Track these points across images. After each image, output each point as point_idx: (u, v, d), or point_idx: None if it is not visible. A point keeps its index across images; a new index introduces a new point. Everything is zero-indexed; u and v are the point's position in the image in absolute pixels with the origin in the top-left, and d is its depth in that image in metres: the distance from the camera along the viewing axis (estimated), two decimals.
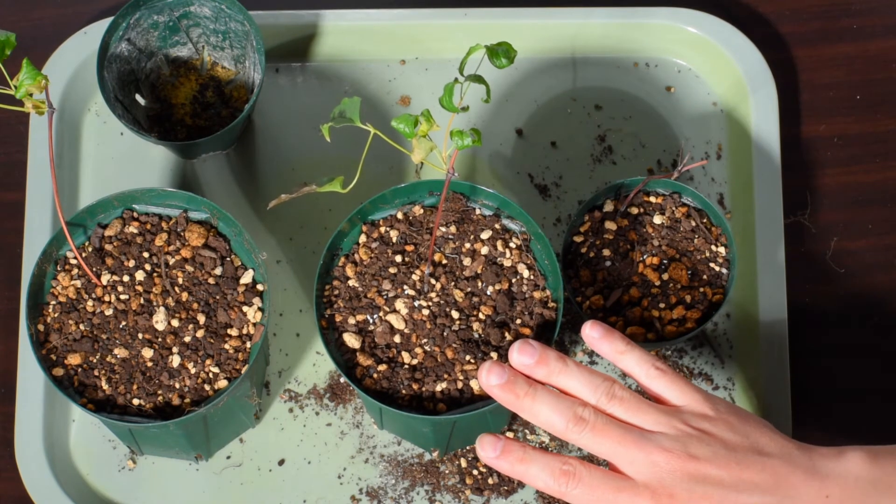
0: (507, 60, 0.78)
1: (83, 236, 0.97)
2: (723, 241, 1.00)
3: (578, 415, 0.79)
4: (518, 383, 0.81)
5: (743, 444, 0.78)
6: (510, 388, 0.81)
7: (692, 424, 0.79)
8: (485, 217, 0.97)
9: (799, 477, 0.76)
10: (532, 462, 0.80)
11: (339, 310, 0.95)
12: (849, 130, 1.14)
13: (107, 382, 0.93)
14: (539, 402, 0.81)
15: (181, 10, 1.06)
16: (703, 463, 0.77)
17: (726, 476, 0.76)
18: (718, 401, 0.82)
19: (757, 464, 0.77)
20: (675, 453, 0.77)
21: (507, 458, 0.80)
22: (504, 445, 0.81)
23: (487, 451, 0.81)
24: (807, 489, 0.76)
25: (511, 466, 0.81)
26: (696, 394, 0.81)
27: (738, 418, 0.80)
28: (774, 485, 0.76)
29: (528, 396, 0.81)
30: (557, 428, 0.80)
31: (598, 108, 1.13)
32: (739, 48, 1.11)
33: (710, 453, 0.77)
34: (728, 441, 0.78)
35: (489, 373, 0.82)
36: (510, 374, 0.82)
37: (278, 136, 1.12)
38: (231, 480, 1.04)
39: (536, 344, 0.83)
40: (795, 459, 0.77)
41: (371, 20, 1.12)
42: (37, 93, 0.81)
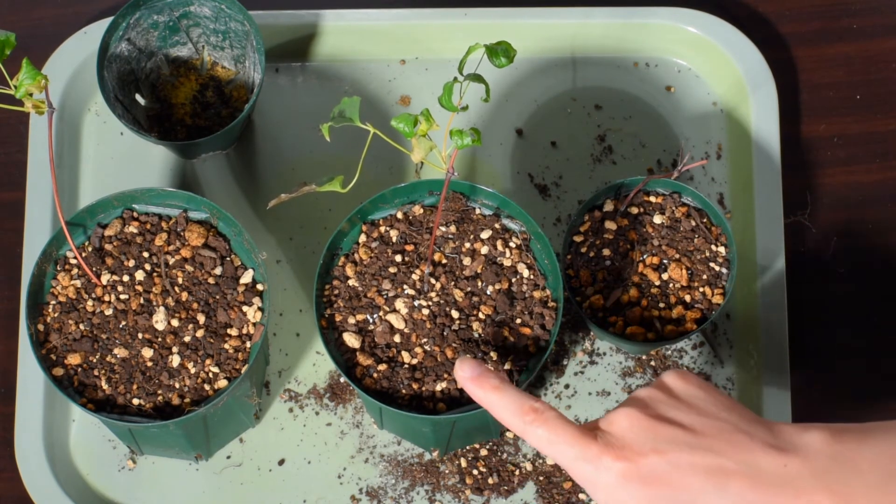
0: (507, 60, 0.78)
1: (83, 236, 0.97)
2: (723, 241, 1.00)
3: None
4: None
5: (703, 412, 0.79)
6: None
7: (656, 399, 0.80)
8: (485, 217, 0.97)
9: (757, 445, 0.77)
10: (504, 392, 0.81)
11: (339, 309, 0.95)
12: (849, 130, 1.14)
13: (107, 382, 0.93)
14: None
15: (181, 10, 1.06)
16: (662, 422, 0.77)
17: (682, 436, 0.77)
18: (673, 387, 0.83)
19: (714, 429, 0.77)
20: (637, 409, 0.78)
21: (482, 382, 0.82)
22: (483, 371, 0.82)
23: (465, 370, 0.82)
24: (765, 457, 0.76)
25: (484, 392, 0.81)
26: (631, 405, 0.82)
27: (701, 392, 0.80)
28: (731, 450, 0.76)
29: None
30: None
31: (598, 108, 1.13)
32: (739, 48, 1.11)
33: (671, 415, 0.78)
34: (689, 407, 0.79)
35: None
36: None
37: (278, 136, 1.12)
38: (231, 480, 1.04)
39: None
40: (755, 430, 0.78)
41: (371, 20, 1.12)
42: (37, 93, 0.81)
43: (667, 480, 0.76)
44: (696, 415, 0.78)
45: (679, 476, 0.76)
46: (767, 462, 0.76)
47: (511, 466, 1.04)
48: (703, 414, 0.79)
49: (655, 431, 0.77)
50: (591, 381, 1.06)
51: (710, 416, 0.78)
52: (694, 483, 0.75)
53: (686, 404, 0.79)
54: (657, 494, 0.76)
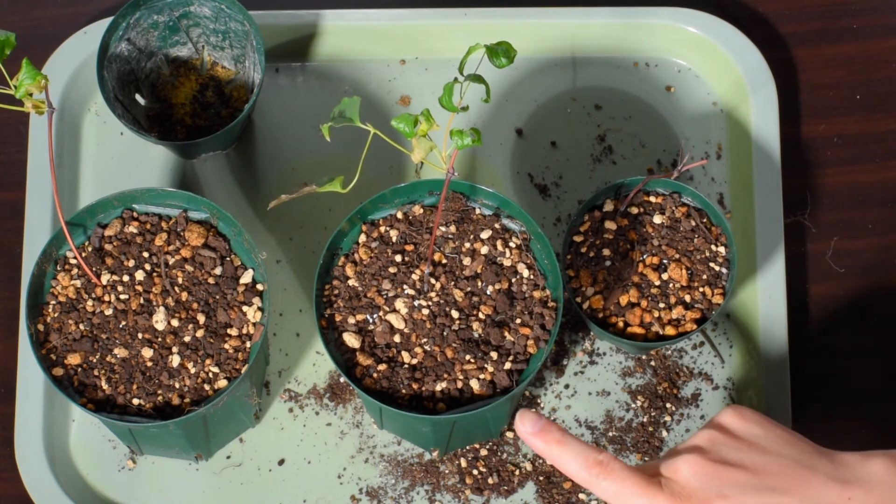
0: (507, 60, 0.78)
1: (83, 236, 0.97)
2: (723, 240, 1.00)
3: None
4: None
5: (763, 450, 0.79)
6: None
7: (717, 442, 0.80)
8: (485, 217, 0.97)
9: (820, 480, 0.77)
10: (568, 446, 0.80)
11: (339, 309, 0.95)
12: (849, 130, 1.14)
13: (107, 382, 0.93)
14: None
15: (181, 10, 1.06)
16: (724, 465, 0.78)
17: (745, 478, 0.77)
18: (731, 424, 0.83)
19: (777, 466, 0.78)
20: (698, 455, 0.79)
21: (545, 436, 0.80)
22: (545, 425, 0.81)
23: (527, 425, 0.81)
24: (828, 492, 0.77)
25: (547, 447, 0.81)
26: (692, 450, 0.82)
27: (759, 428, 0.81)
28: (795, 487, 0.77)
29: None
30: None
31: (598, 108, 1.13)
32: (739, 48, 1.11)
33: (732, 457, 0.79)
34: (750, 446, 0.79)
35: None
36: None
37: (278, 136, 1.12)
38: (231, 480, 1.04)
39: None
40: (816, 464, 0.78)
41: (371, 20, 1.12)
42: (37, 93, 0.81)
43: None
44: (757, 454, 0.79)
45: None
46: (831, 496, 0.77)
47: (511, 466, 1.04)
48: (764, 452, 0.79)
49: (719, 476, 0.78)
50: (591, 381, 1.06)
51: (772, 454, 0.79)
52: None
53: (746, 444, 0.80)
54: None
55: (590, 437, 1.05)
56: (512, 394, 0.92)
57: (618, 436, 1.05)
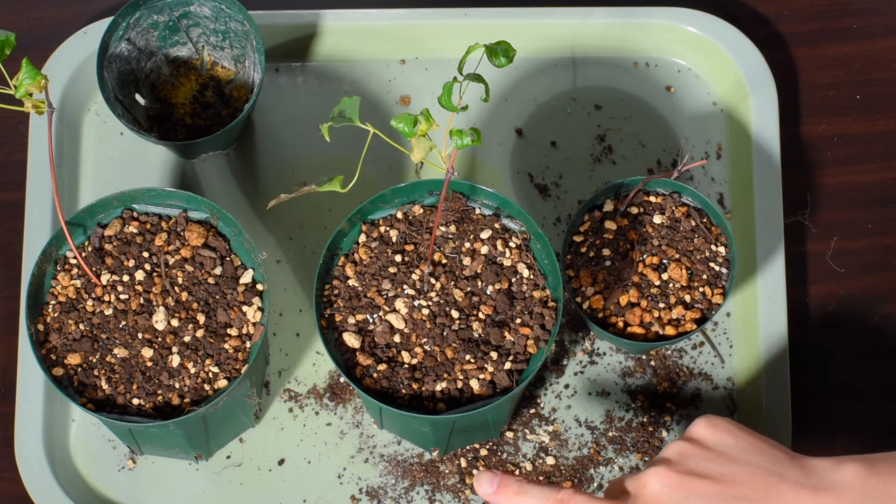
0: (507, 60, 0.78)
1: (83, 236, 0.97)
2: (723, 240, 1.00)
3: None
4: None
5: (733, 459, 0.79)
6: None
7: (686, 454, 0.81)
8: (484, 216, 0.97)
9: (789, 487, 0.77)
10: (527, 494, 0.82)
11: (339, 309, 0.95)
12: (849, 130, 1.14)
13: (106, 382, 0.93)
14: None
15: (181, 10, 1.06)
16: (692, 476, 0.79)
17: (712, 488, 0.78)
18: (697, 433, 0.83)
19: (745, 475, 0.78)
20: (666, 467, 0.79)
21: (503, 492, 0.83)
22: (500, 481, 0.83)
23: (484, 487, 0.84)
24: (797, 499, 0.77)
25: (507, 500, 0.83)
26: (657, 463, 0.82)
27: (730, 437, 0.81)
28: (763, 496, 0.77)
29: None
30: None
31: (598, 108, 1.13)
32: (739, 48, 1.11)
33: (701, 468, 0.79)
34: (719, 456, 0.79)
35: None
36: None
37: (278, 136, 1.12)
38: (231, 480, 1.04)
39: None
40: (787, 471, 0.78)
41: (371, 20, 1.12)
42: (36, 92, 0.81)
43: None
44: (726, 463, 0.79)
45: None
46: (799, 500, 0.77)
47: (511, 466, 1.04)
48: (732, 462, 0.79)
49: (686, 488, 0.78)
50: (591, 381, 1.06)
51: (740, 463, 0.79)
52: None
53: (715, 454, 0.80)
54: None
55: (590, 437, 1.05)
56: (512, 394, 0.92)
57: (618, 436, 1.05)
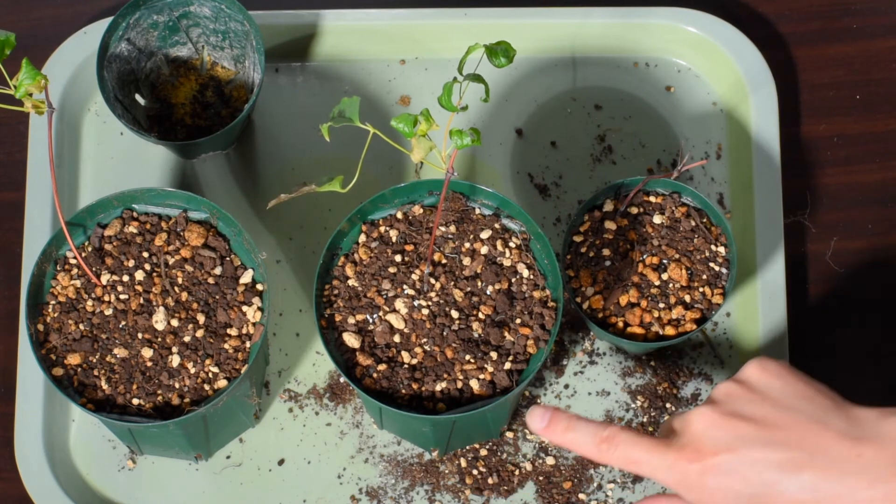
0: (506, 60, 0.78)
1: (83, 236, 0.97)
2: (723, 241, 1.00)
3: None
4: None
5: (777, 403, 0.79)
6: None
7: (732, 395, 0.81)
8: (484, 217, 0.97)
9: (831, 436, 0.77)
10: (576, 431, 0.83)
11: (339, 309, 0.95)
12: (849, 130, 1.14)
13: (106, 382, 0.93)
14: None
15: (181, 10, 1.06)
16: (735, 418, 0.79)
17: (754, 431, 0.78)
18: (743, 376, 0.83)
19: (788, 420, 0.78)
20: (710, 408, 0.80)
21: (554, 427, 0.84)
22: (551, 416, 0.84)
23: (536, 422, 0.84)
24: (838, 448, 0.77)
25: (557, 436, 0.84)
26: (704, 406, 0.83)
27: (778, 381, 0.80)
28: (804, 442, 0.77)
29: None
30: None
31: (598, 108, 1.13)
32: (739, 48, 1.11)
33: (745, 410, 0.79)
34: (764, 400, 0.80)
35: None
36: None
37: (278, 136, 1.12)
38: (231, 480, 1.04)
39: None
40: (830, 420, 0.78)
41: (371, 20, 1.12)
42: (36, 92, 0.81)
43: (742, 476, 0.77)
44: (770, 408, 0.79)
45: (752, 471, 0.77)
46: (841, 452, 0.76)
47: (511, 466, 1.04)
48: (777, 406, 0.79)
49: (727, 429, 0.78)
50: (591, 381, 1.06)
51: (784, 408, 0.79)
52: (767, 477, 0.77)
53: (761, 397, 0.80)
54: (734, 490, 0.77)
55: None
56: (512, 394, 0.92)
57: None
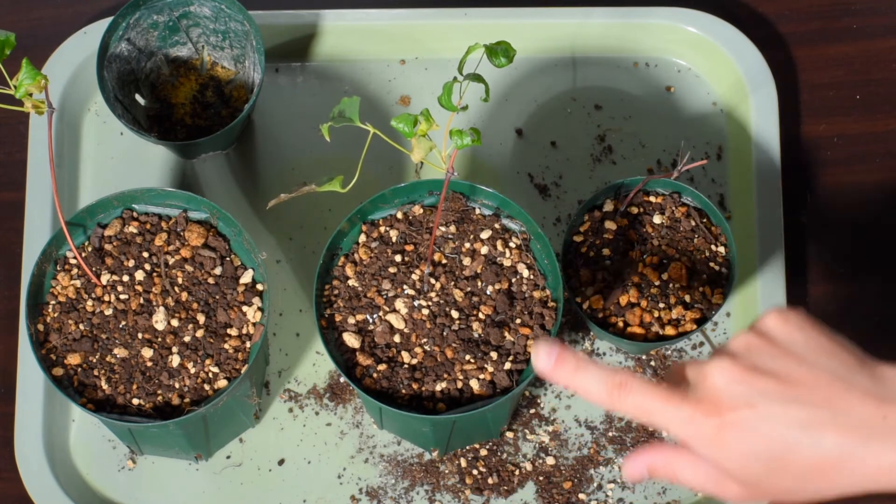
0: (507, 59, 0.78)
1: (83, 236, 0.97)
2: (723, 240, 1.00)
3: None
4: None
5: (800, 359, 0.76)
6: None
7: (752, 348, 0.77)
8: (484, 217, 0.97)
9: (855, 395, 0.74)
10: (585, 373, 0.77)
11: (339, 309, 0.95)
12: (849, 130, 1.14)
13: (106, 382, 0.93)
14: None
15: (181, 10, 1.06)
16: (755, 373, 0.75)
17: (775, 388, 0.74)
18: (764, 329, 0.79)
19: (810, 378, 0.75)
20: (730, 360, 0.76)
21: (561, 368, 0.78)
22: (559, 355, 0.78)
23: (542, 360, 0.78)
24: (862, 408, 0.74)
25: (564, 377, 0.78)
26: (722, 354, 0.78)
27: (801, 335, 0.77)
28: (827, 401, 0.74)
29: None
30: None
31: (598, 108, 1.13)
32: (739, 48, 1.11)
33: (766, 364, 0.76)
34: (786, 354, 0.76)
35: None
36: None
37: (278, 136, 1.12)
38: (231, 480, 1.04)
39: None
40: (855, 378, 0.75)
41: (371, 20, 1.12)
42: (36, 92, 0.81)
43: (760, 433, 0.74)
44: (792, 363, 0.76)
45: (772, 429, 0.74)
46: (865, 412, 0.73)
47: (511, 466, 1.04)
48: (800, 361, 0.76)
49: (748, 384, 0.75)
50: None
51: (807, 364, 0.75)
52: (787, 436, 0.73)
53: (783, 351, 0.76)
54: (752, 447, 0.74)
55: (590, 437, 1.05)
56: (512, 394, 0.92)
57: (618, 436, 1.05)
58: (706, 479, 0.77)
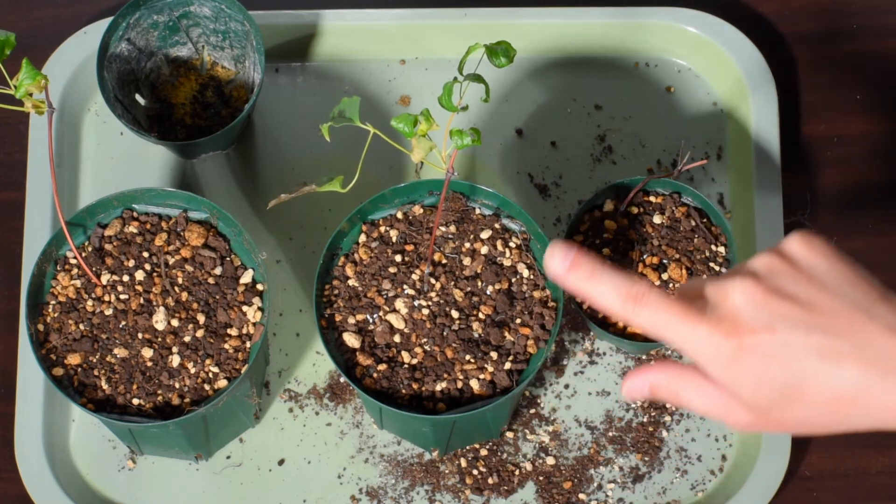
0: (507, 60, 0.78)
1: (83, 236, 0.97)
2: (723, 241, 1.00)
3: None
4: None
5: (823, 286, 0.74)
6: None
7: (775, 270, 0.75)
8: (484, 217, 0.97)
9: (877, 328, 0.72)
10: (600, 279, 0.75)
11: (339, 309, 0.95)
12: (849, 130, 1.14)
13: (106, 382, 0.93)
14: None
15: (181, 10, 1.06)
16: (778, 296, 0.73)
17: (797, 313, 0.72)
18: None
19: (833, 306, 0.73)
20: (752, 281, 0.74)
21: (575, 272, 0.75)
22: (574, 258, 0.75)
23: (556, 263, 0.75)
24: (883, 342, 0.72)
25: (578, 282, 0.75)
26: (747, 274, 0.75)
27: (825, 262, 0.75)
28: (848, 331, 0.72)
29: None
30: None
31: (598, 108, 1.13)
32: (739, 48, 1.11)
33: (789, 289, 0.74)
34: (810, 280, 0.74)
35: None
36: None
37: (278, 136, 1.12)
38: (231, 480, 1.04)
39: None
40: (876, 310, 0.73)
41: (371, 20, 1.12)
42: (36, 92, 0.81)
43: (779, 359, 0.72)
44: (815, 289, 0.74)
45: (791, 356, 0.72)
46: (886, 346, 0.72)
47: (511, 466, 1.04)
48: (823, 289, 0.74)
49: (769, 307, 0.73)
50: (591, 381, 1.06)
51: (830, 292, 0.74)
52: (806, 364, 0.72)
53: (806, 277, 0.74)
54: (769, 372, 0.72)
55: (590, 436, 1.05)
56: (512, 394, 0.92)
57: (618, 436, 1.05)
58: (712, 404, 0.75)
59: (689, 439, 1.05)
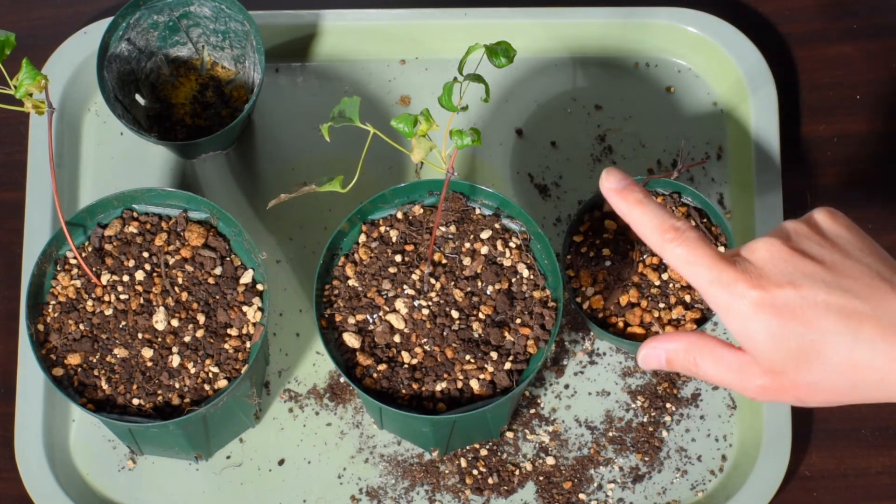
0: (507, 60, 0.78)
1: (83, 236, 0.97)
2: (723, 240, 1.00)
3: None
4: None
5: (846, 252, 0.76)
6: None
7: (801, 233, 0.77)
8: (484, 217, 0.97)
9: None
10: (648, 206, 0.78)
11: (339, 309, 0.95)
12: (849, 130, 1.14)
13: (106, 382, 0.93)
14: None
15: (181, 10, 1.06)
16: (803, 256, 0.75)
17: (820, 273, 0.74)
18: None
19: (855, 271, 0.75)
20: (780, 240, 0.76)
21: (626, 195, 0.79)
22: (628, 184, 0.79)
23: (612, 181, 0.79)
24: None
25: (627, 207, 0.78)
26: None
27: (848, 233, 0.77)
28: (869, 295, 0.73)
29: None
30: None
31: (598, 108, 1.13)
32: (739, 48, 1.11)
33: (813, 251, 0.75)
34: (833, 246, 0.76)
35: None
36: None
37: (278, 136, 1.12)
38: (231, 480, 1.04)
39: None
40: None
41: (371, 20, 1.12)
42: (36, 93, 0.81)
43: (799, 315, 0.73)
44: (838, 254, 0.75)
45: (812, 313, 0.73)
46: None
47: (511, 466, 1.04)
48: (845, 255, 0.76)
49: (794, 264, 0.74)
50: (591, 381, 1.06)
51: (853, 259, 0.75)
52: (825, 322, 0.73)
53: (830, 242, 0.76)
54: (788, 328, 0.73)
55: (590, 436, 1.05)
56: (512, 394, 0.92)
57: (618, 436, 1.05)
58: (728, 370, 0.76)
59: (689, 439, 1.05)
